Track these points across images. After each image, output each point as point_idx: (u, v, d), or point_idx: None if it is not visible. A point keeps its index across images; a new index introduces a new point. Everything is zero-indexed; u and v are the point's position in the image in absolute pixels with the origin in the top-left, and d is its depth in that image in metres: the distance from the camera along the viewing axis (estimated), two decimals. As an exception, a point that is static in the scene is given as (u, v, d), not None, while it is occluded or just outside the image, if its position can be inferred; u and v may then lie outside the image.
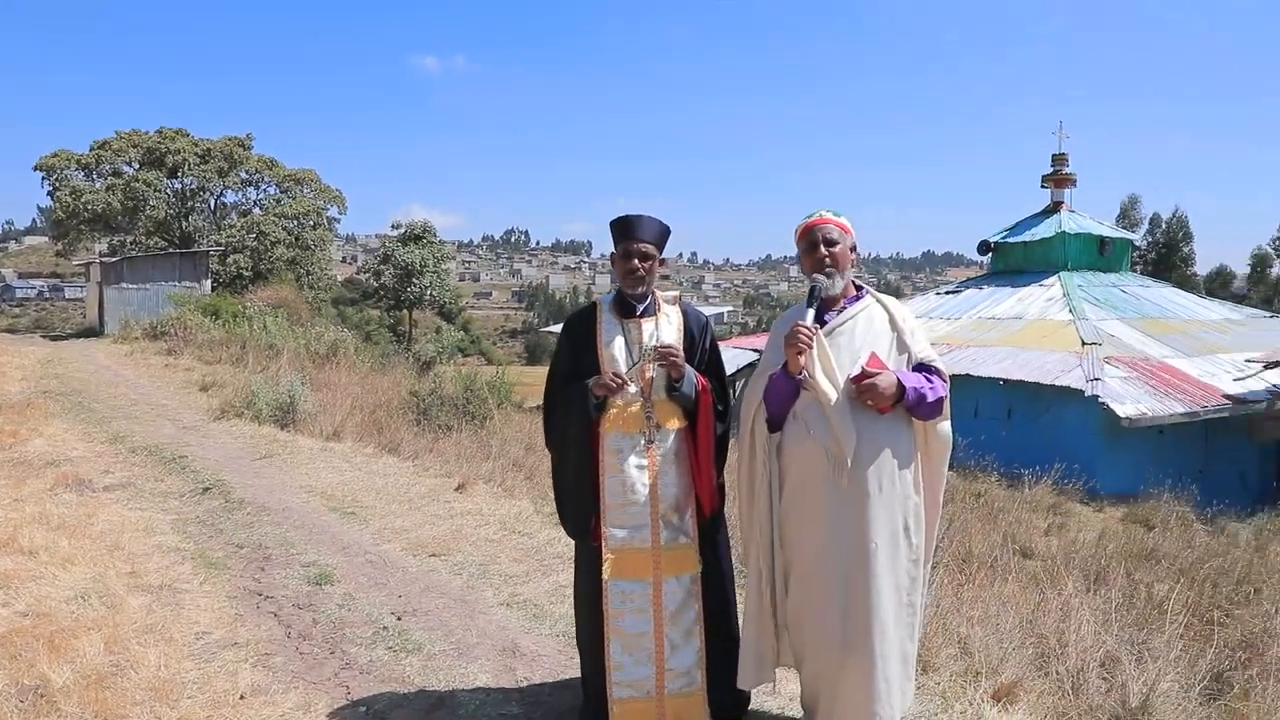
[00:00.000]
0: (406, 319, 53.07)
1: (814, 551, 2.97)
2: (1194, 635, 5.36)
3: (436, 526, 6.49)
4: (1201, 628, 5.71)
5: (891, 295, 3.29)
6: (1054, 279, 22.28)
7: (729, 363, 20.75)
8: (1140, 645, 4.62)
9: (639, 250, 3.27)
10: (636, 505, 3.23)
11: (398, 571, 5.46)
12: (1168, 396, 15.99)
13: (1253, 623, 6.18)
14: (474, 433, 10.60)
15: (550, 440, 3.46)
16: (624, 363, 3.27)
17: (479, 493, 7.52)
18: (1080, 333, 18.45)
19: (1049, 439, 15.88)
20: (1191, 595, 6.77)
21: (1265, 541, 10.46)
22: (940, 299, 24.56)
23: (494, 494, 7.50)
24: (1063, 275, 22.31)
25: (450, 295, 54.91)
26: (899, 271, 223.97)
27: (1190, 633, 5.38)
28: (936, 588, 5.15)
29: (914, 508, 2.99)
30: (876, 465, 2.91)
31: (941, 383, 3.02)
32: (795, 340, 2.92)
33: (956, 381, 16.28)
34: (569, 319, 3.50)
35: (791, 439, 3.03)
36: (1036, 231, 23.89)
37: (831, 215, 3.15)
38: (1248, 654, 5.25)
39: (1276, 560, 9.09)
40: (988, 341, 19.40)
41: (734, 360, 20.94)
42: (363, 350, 19.16)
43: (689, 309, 3.48)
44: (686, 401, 3.28)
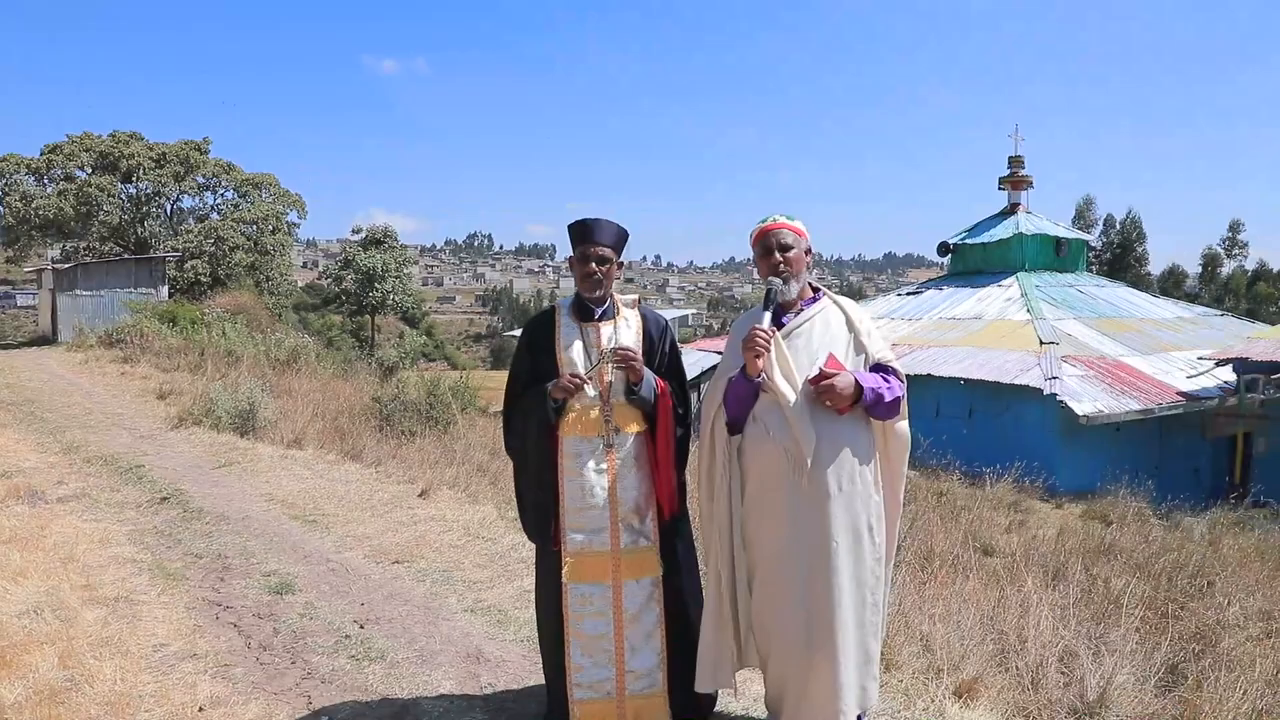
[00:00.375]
0: (369, 324, 52.59)
1: (776, 552, 2.99)
2: (1150, 628, 5.47)
3: (399, 533, 6.43)
4: (1157, 621, 5.82)
5: (854, 296, 3.33)
6: (1012, 279, 22.63)
7: (693, 366, 20.80)
8: (1097, 639, 4.71)
9: (596, 254, 3.27)
10: (595, 509, 3.23)
11: (360, 579, 5.41)
12: (1123, 394, 16.31)
13: (1206, 615, 6.33)
14: (438, 438, 10.53)
15: (509, 444, 3.45)
16: (583, 366, 3.27)
17: (443, 498, 7.47)
18: (1038, 332, 18.75)
19: (1009, 437, 16.12)
20: (1147, 589, 6.92)
21: (1218, 535, 10.70)
22: (902, 300, 24.85)
23: (458, 500, 7.45)
24: (1020, 276, 22.67)
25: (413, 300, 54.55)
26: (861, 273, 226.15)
27: (1146, 626, 5.49)
28: (900, 586, 5.21)
29: (875, 507, 3.02)
30: (836, 465, 2.93)
31: (899, 382, 3.05)
32: (753, 344, 2.94)
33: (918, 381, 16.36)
34: (527, 323, 3.49)
35: (751, 441, 3.04)
36: (994, 233, 24.26)
37: (785, 220, 3.17)
38: (1201, 645, 5.37)
39: (1229, 553, 9.31)
40: (948, 342, 19.65)
41: (698, 363, 21.01)
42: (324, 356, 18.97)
43: (648, 312, 3.49)
44: (645, 405, 3.29)
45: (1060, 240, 24.38)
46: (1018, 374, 16.71)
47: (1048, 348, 17.77)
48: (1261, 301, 46.71)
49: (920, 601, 5.08)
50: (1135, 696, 4.00)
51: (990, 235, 24.27)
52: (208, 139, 34.18)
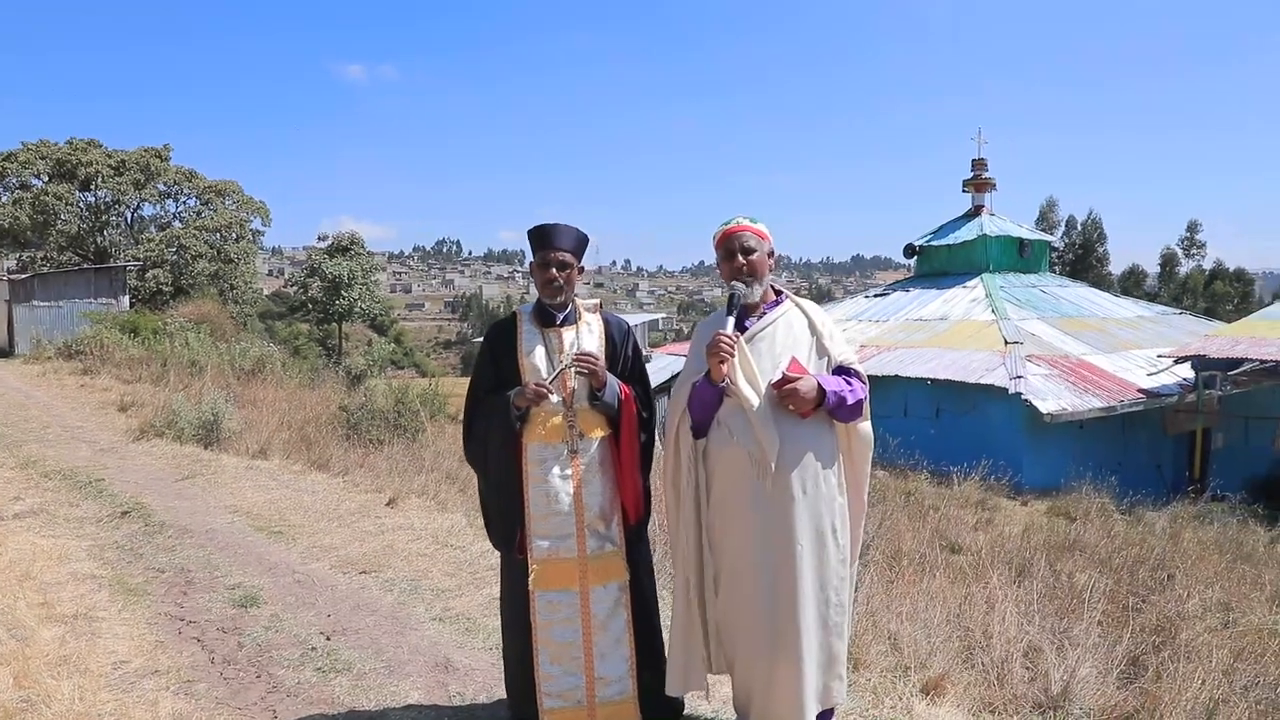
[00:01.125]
0: (336, 332, 52.18)
1: (741, 555, 3.00)
2: (1112, 622, 5.55)
3: (367, 543, 6.38)
4: (1119, 614, 5.91)
5: (823, 299, 3.36)
6: (977, 280, 22.91)
7: (663, 370, 20.84)
8: (1061, 634, 4.77)
9: (556, 259, 3.27)
10: (561, 515, 3.22)
11: (327, 590, 5.35)
12: (1086, 392, 16.56)
13: (1166, 607, 6.43)
14: (406, 446, 10.47)
15: (469, 452, 3.43)
16: (545, 372, 3.27)
17: (411, 507, 7.43)
18: (1003, 332, 18.99)
19: (975, 436, 16.30)
20: (1110, 583, 7.02)
21: (1179, 529, 10.89)
22: (869, 302, 25.06)
23: (426, 508, 7.42)
24: (985, 277, 22.95)
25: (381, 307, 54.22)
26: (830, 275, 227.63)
27: (1108, 619, 5.57)
28: (868, 586, 5.25)
29: (839, 508, 3.04)
30: (800, 468, 2.95)
31: (861, 385, 3.07)
32: (716, 349, 2.94)
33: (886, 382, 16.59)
34: (489, 330, 3.49)
35: (716, 445, 3.05)
36: (959, 235, 24.55)
37: (748, 222, 3.17)
38: (1161, 637, 5.46)
39: (1189, 547, 9.48)
40: (915, 343, 19.84)
41: (668, 367, 21.05)
42: (290, 365, 18.77)
43: (610, 317, 3.49)
44: (609, 410, 3.29)
45: (1023, 241, 24.73)
46: (983, 374, 16.92)
47: (1012, 347, 18.00)
48: (1218, 300, 47.65)
49: (888, 600, 5.12)
50: (1098, 689, 4.06)
51: (955, 237, 24.57)
52: (168, 146, 33.77)
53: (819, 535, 2.97)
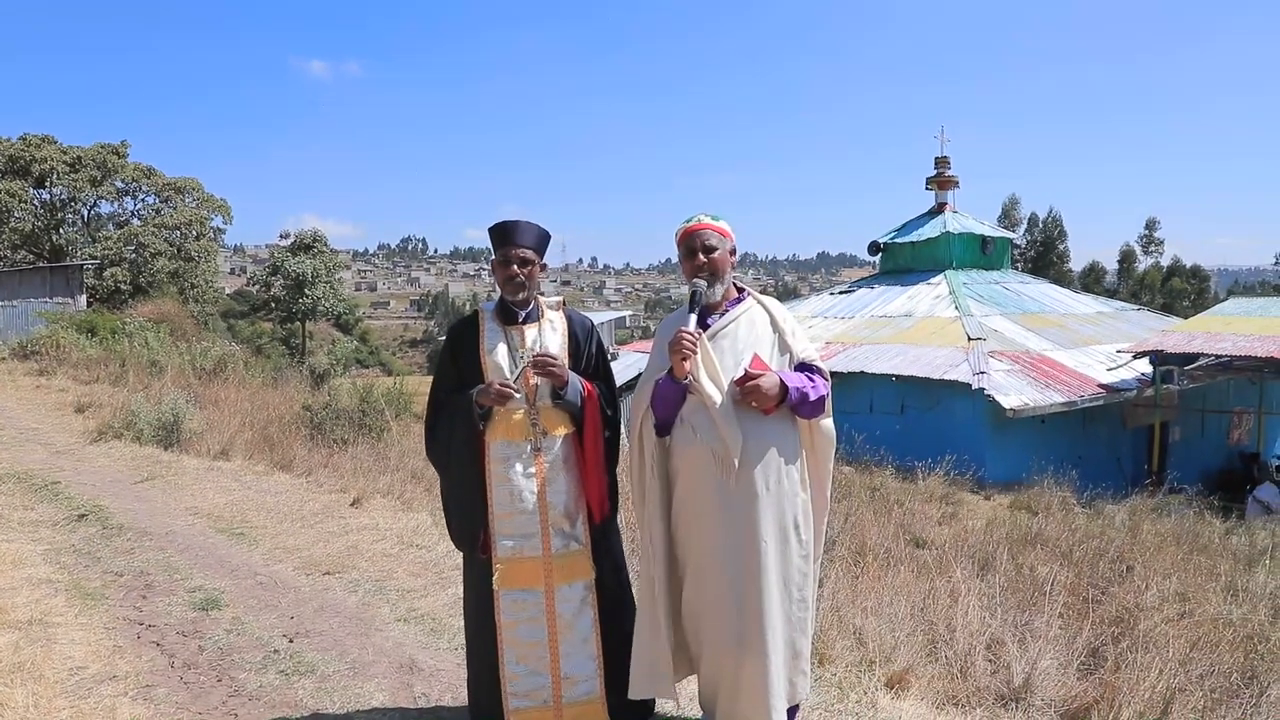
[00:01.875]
0: (300, 331, 51.63)
1: (706, 552, 3.01)
2: (1072, 614, 5.63)
3: (331, 544, 6.33)
4: (1080, 606, 5.99)
5: (789, 296, 3.38)
6: (940, 277, 23.14)
7: (631, 368, 20.82)
8: (1023, 626, 4.84)
9: (518, 256, 3.26)
10: (525, 514, 3.21)
11: (290, 592, 5.30)
12: (1048, 387, 16.80)
13: (1125, 599, 6.54)
14: (371, 446, 10.38)
15: (432, 451, 3.42)
16: (508, 370, 3.26)
17: (376, 507, 7.39)
18: (966, 329, 19.21)
19: (940, 431, 16.47)
20: (1071, 576, 7.12)
21: (1138, 522, 11.06)
22: (835, 299, 25.22)
23: (391, 508, 7.38)
24: (948, 274, 23.19)
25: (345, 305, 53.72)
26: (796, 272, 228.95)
27: (1069, 611, 5.65)
28: (833, 581, 5.28)
29: (802, 504, 3.06)
30: (763, 465, 2.97)
31: (823, 381, 3.10)
32: (679, 346, 2.95)
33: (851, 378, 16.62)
34: (450, 328, 3.48)
35: (680, 442, 3.06)
36: (923, 232, 24.78)
37: (710, 220, 3.18)
38: (1120, 628, 5.55)
39: (1148, 539, 9.64)
40: (880, 339, 20.01)
41: (635, 365, 21.03)
42: (253, 364, 18.52)
43: (573, 314, 3.49)
44: (572, 408, 3.29)
45: (986, 239, 25.03)
46: (947, 370, 17.10)
47: (975, 343, 18.21)
48: (1175, 296, 48.62)
49: (853, 595, 5.16)
50: (1059, 680, 4.13)
51: (919, 234, 24.80)
52: (126, 142, 33.16)
53: (782, 531, 2.99)
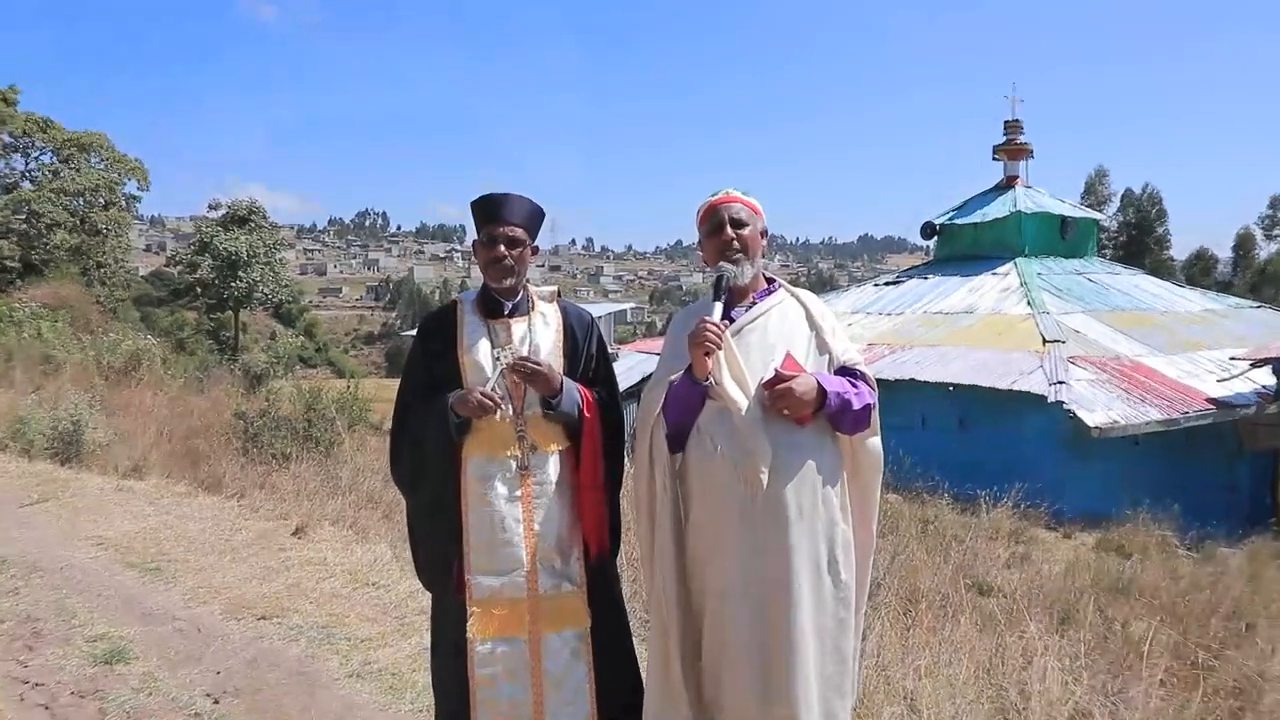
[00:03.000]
0: (232, 322, 51.72)
1: (726, 589, 3.00)
2: (1178, 682, 5.61)
3: (268, 582, 6.36)
4: (1186, 672, 5.96)
5: (825, 286, 3.37)
6: (1009, 266, 23.14)
7: (633, 370, 20.85)
8: (1115, 696, 4.82)
9: (505, 235, 3.26)
10: (508, 546, 3.21)
11: (216, 641, 5.31)
12: (1142, 401, 16.75)
13: (1245, 665, 6.50)
14: (318, 462, 10.43)
15: (397, 470, 3.42)
16: (490, 373, 3.26)
17: (323, 537, 7.44)
18: (1040, 328, 19.19)
19: (1008, 453, 16.42)
20: (1174, 635, 7.09)
21: (1260, 568, 10.99)
22: (879, 291, 25.24)
23: (342, 538, 7.43)
24: (1019, 262, 23.19)
25: (288, 292, 53.85)
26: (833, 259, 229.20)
27: (1173, 679, 5.63)
28: (878, 633, 5.27)
29: (841, 537, 3.05)
30: (796, 484, 2.96)
31: (868, 389, 3.09)
32: (701, 338, 2.96)
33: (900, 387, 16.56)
34: (423, 321, 3.49)
35: (697, 457, 3.06)
36: (988, 211, 24.78)
37: (740, 194, 3.22)
38: (1239, 702, 5.52)
39: (1274, 589, 9.58)
40: (935, 340, 20.01)
41: (638, 367, 21.07)
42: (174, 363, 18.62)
43: (569, 307, 3.49)
44: (567, 419, 3.29)
45: (1066, 219, 25.03)
46: (1017, 378, 17.08)
47: (1052, 347, 18.20)
48: (1307, 291, 48.11)
49: (903, 652, 5.14)
50: (1159, 763, 4.10)
51: (983, 214, 24.80)
52: (14, 87, 33.11)
53: (817, 568, 2.99)
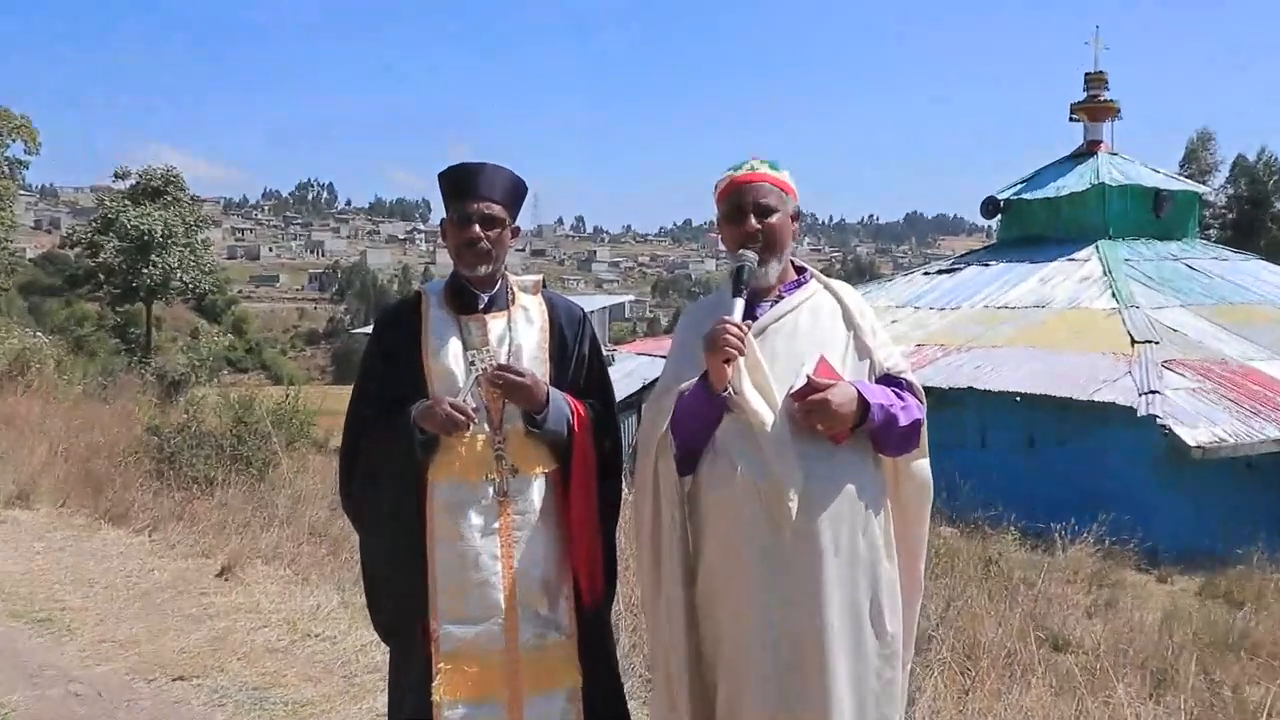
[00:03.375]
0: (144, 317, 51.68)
1: (746, 640, 3.02)
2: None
3: (187, 635, 6.35)
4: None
5: (863, 276, 3.39)
6: (1090, 250, 23.12)
7: (633, 376, 20.89)
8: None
9: (480, 213, 3.28)
10: (483, 588, 3.22)
11: (123, 707, 5.31)
12: (1256, 415, 16.68)
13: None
14: (249, 488, 10.40)
15: (348, 497, 3.44)
16: (462, 380, 3.27)
17: (256, 579, 7.43)
18: (1129, 326, 19.17)
19: (1088, 478, 16.43)
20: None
21: None
22: (931, 281, 25.25)
23: (279, 580, 7.43)
24: (1103, 245, 23.16)
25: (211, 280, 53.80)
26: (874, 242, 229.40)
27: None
28: (930, 698, 5.29)
29: (885, 579, 3.07)
30: (831, 515, 2.98)
31: (916, 402, 3.11)
32: (720, 341, 2.95)
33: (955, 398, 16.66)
34: (379, 316, 3.51)
35: (712, 482, 3.07)
36: (1064, 183, 24.76)
37: (767, 168, 3.20)
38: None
39: None
40: (999, 340, 20.01)
41: (639, 372, 21.12)
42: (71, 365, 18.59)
43: (557, 300, 3.51)
44: (554, 438, 3.31)
45: (1161, 193, 25.00)
46: (1099, 387, 17.08)
47: (1143, 348, 18.19)
48: None
49: (963, 718, 5.16)
50: None
51: (1058, 187, 24.79)
52: None
53: (856, 616, 3.00)
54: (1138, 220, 24.47)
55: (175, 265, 46.83)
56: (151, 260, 46.12)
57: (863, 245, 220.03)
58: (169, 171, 49.11)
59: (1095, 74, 25.87)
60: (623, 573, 3.71)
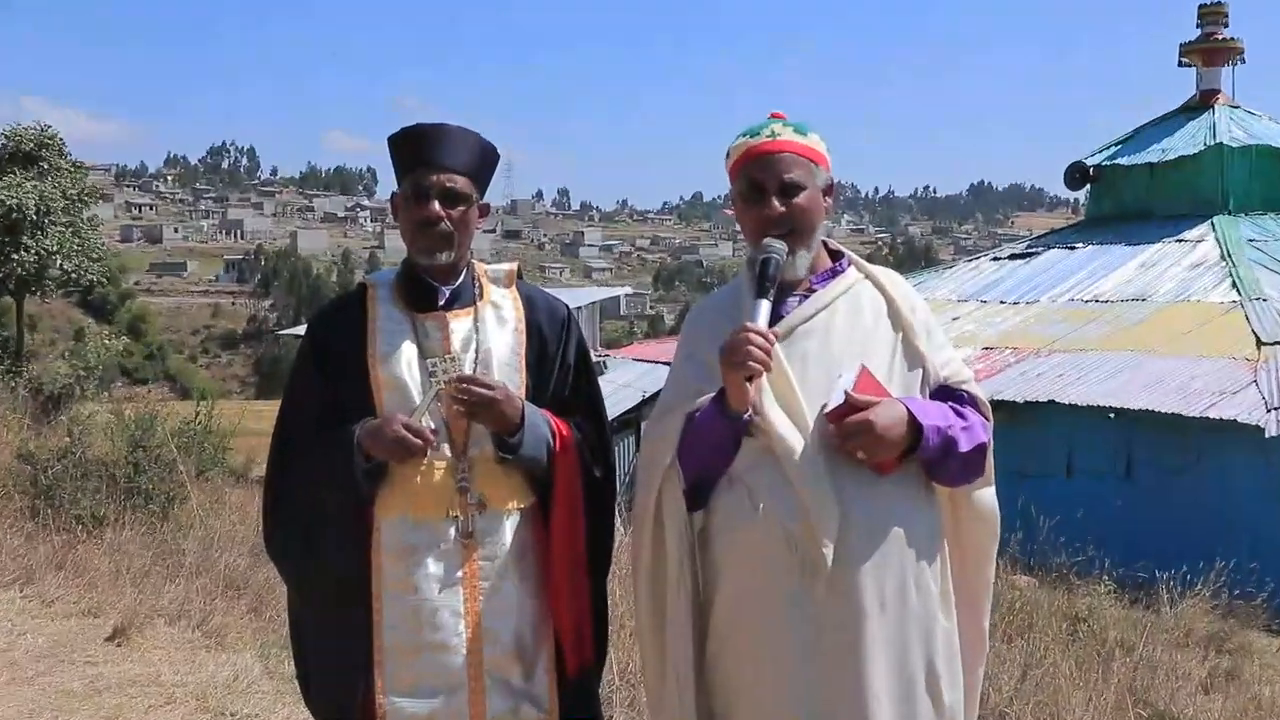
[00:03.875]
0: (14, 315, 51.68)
1: (770, 717, 3.04)
2: None
3: (68, 712, 6.36)
4: None
5: (917, 262, 3.41)
6: (1204, 228, 23.06)
7: (630, 388, 20.92)
8: None
9: (441, 186, 3.30)
10: (442, 652, 3.24)
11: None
12: None
13: None
14: (149, 530, 10.41)
15: (275, 538, 3.46)
16: (418, 395, 3.30)
17: (156, 642, 7.44)
18: (1254, 324, 19.09)
19: (1202, 515, 16.39)
20: None
21: None
22: (1001, 268, 25.20)
23: (186, 644, 7.44)
24: (1220, 222, 23.09)
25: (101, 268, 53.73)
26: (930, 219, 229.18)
27: None
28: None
29: (942, 638, 3.10)
30: (876, 563, 3.00)
31: (981, 421, 3.14)
32: (743, 354, 2.94)
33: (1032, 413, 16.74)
34: (314, 316, 3.53)
35: (728, 522, 3.09)
36: (1172, 145, 24.72)
37: (792, 134, 3.21)
38: None
39: None
40: (1087, 342, 19.98)
41: (639, 383, 21.12)
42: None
43: (535, 294, 3.55)
44: (532, 466, 3.33)
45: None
46: (1216, 400, 17.04)
47: (1272, 352, 18.15)
48: None
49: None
50: None
51: (1164, 149, 24.74)
52: None
53: (906, 684, 3.03)
54: (1265, 191, 24.31)
55: (54, 249, 46.69)
56: (23, 243, 46.02)
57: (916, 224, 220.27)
58: (44, 132, 49.00)
59: (1212, 5, 25.73)
60: (616, 633, 3.73)
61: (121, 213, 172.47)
